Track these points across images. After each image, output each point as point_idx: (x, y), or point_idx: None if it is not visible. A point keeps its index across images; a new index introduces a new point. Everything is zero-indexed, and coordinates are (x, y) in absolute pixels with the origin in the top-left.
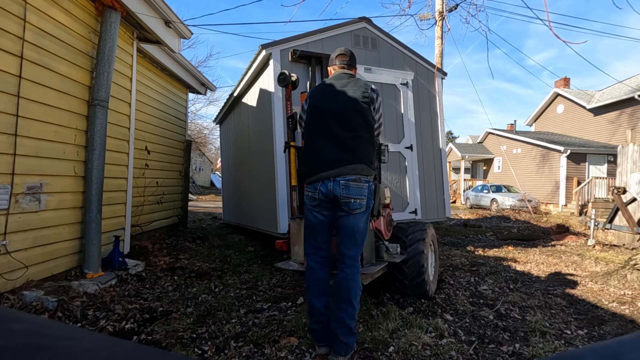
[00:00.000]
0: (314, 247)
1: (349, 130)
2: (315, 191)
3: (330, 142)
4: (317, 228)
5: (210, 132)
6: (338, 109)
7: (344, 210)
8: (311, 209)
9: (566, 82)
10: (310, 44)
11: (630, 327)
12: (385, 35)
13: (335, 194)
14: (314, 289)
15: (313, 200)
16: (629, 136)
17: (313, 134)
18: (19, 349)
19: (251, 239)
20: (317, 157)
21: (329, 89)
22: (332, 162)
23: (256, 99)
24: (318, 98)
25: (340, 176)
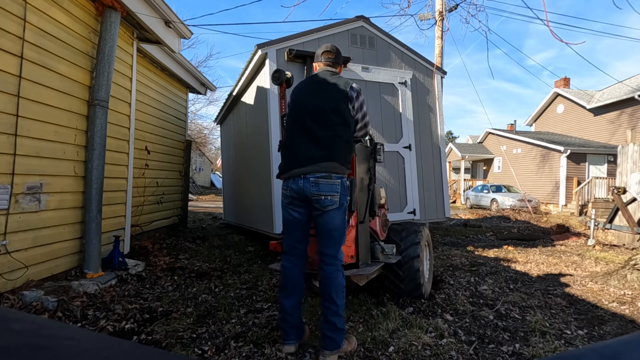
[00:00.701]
0: (288, 246)
1: (325, 129)
2: (287, 189)
3: (305, 139)
4: (290, 226)
5: (210, 132)
6: (317, 106)
7: (317, 208)
8: (285, 206)
9: (566, 82)
10: (306, 44)
11: (630, 327)
12: (383, 34)
13: (305, 191)
14: (283, 287)
15: (286, 197)
16: (629, 136)
17: (291, 130)
18: (19, 349)
19: (251, 239)
20: (291, 154)
21: (310, 87)
22: (305, 159)
23: (253, 98)
24: (299, 95)
25: (310, 174)
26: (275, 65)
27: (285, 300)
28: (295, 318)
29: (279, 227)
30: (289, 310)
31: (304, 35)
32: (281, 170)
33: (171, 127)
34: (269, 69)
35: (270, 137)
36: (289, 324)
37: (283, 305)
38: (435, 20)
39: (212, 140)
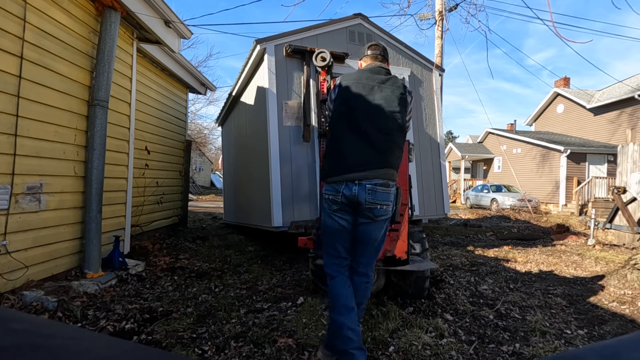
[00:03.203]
0: (334, 256)
1: (382, 132)
2: (337, 194)
3: (360, 141)
4: (338, 235)
5: (210, 132)
6: (373, 106)
7: (367, 217)
8: (331, 214)
9: (566, 81)
10: (304, 40)
11: (630, 326)
12: (381, 32)
13: (359, 199)
14: (336, 302)
15: (335, 203)
16: (629, 136)
17: (341, 129)
18: (19, 349)
19: (251, 239)
20: (343, 156)
21: (365, 82)
22: (361, 163)
23: (253, 97)
24: (351, 90)
25: (367, 180)
26: (273, 60)
27: (342, 317)
28: (358, 336)
29: (277, 220)
30: (351, 325)
31: (303, 31)
32: (329, 173)
33: (171, 127)
34: (267, 64)
35: (269, 136)
36: (355, 346)
37: (340, 324)
38: (435, 20)
39: (212, 140)
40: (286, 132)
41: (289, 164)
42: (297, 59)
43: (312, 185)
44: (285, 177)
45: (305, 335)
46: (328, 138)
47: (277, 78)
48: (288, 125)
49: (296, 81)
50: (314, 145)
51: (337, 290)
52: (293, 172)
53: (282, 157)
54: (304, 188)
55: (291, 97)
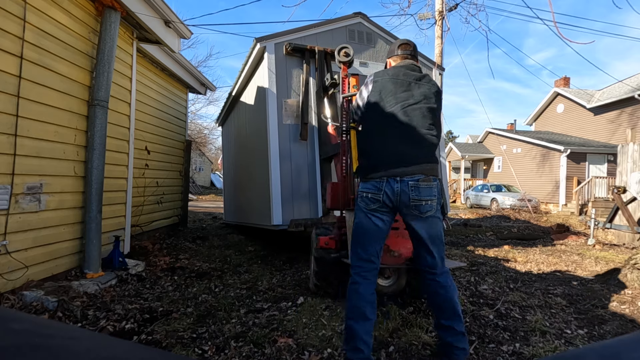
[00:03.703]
0: (363, 259)
1: (422, 127)
2: (378, 192)
3: (400, 136)
4: (372, 236)
5: (210, 132)
6: (413, 102)
7: (414, 215)
8: (368, 212)
9: (566, 81)
10: (304, 38)
11: (630, 326)
12: (381, 31)
13: (402, 196)
14: (355, 308)
15: (373, 202)
16: (629, 135)
17: (379, 124)
18: (19, 349)
19: (251, 239)
20: (383, 152)
21: (403, 79)
22: (402, 159)
23: (253, 96)
24: (388, 85)
25: (409, 176)
26: (273, 59)
27: (357, 325)
28: (369, 348)
29: (277, 219)
30: (363, 337)
31: (303, 30)
32: (369, 170)
33: (171, 127)
34: (267, 62)
35: (269, 134)
36: (363, 355)
37: (355, 331)
38: (435, 20)
39: (212, 140)
40: (286, 131)
41: (288, 162)
42: (297, 57)
43: (312, 184)
44: (284, 176)
45: (305, 335)
46: (362, 134)
47: (277, 76)
48: (288, 124)
49: (296, 80)
50: (314, 144)
51: (359, 297)
52: (293, 171)
53: (282, 155)
54: (304, 186)
55: (291, 96)
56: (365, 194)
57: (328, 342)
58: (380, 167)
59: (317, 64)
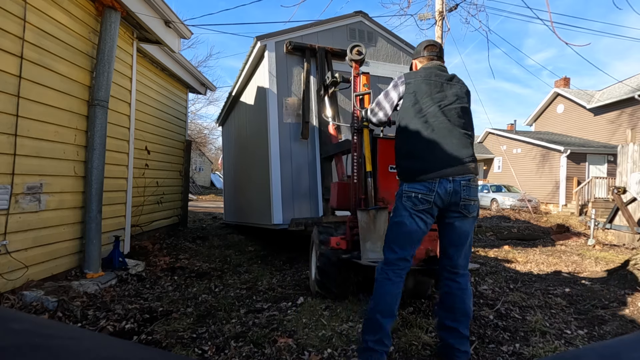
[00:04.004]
0: (400, 258)
1: (461, 127)
2: (430, 192)
3: (444, 137)
4: (414, 237)
5: (210, 132)
6: (448, 102)
7: (462, 215)
8: (414, 213)
9: (566, 81)
10: (305, 37)
11: (630, 326)
12: (382, 30)
13: (454, 196)
14: (386, 304)
15: (422, 202)
16: (629, 136)
17: (420, 125)
18: (19, 349)
19: (251, 239)
20: (431, 153)
21: (435, 80)
22: (451, 159)
23: (253, 91)
24: (422, 86)
25: (460, 175)
26: (274, 57)
27: (384, 320)
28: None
29: (277, 218)
30: (389, 332)
31: (303, 28)
32: (416, 171)
33: (171, 127)
34: (268, 60)
35: (269, 132)
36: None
37: (382, 325)
38: (435, 20)
39: (212, 140)
40: (286, 129)
41: (289, 161)
42: (298, 56)
43: (313, 183)
44: (285, 174)
45: (305, 335)
46: (403, 135)
47: (277, 75)
48: (288, 122)
49: (296, 78)
50: (314, 143)
51: (390, 294)
52: (293, 169)
53: (282, 153)
54: (304, 185)
55: (291, 94)
56: (415, 195)
57: (328, 342)
58: (431, 168)
59: (318, 62)
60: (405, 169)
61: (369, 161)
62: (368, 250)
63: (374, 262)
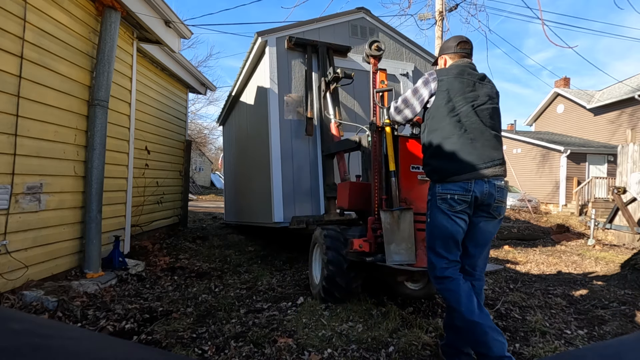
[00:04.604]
0: (452, 261)
1: (493, 128)
2: (466, 193)
3: (478, 137)
4: (457, 238)
5: (210, 132)
6: (481, 102)
7: (492, 216)
8: (452, 214)
9: (566, 81)
10: (306, 33)
11: (630, 327)
12: (384, 26)
13: (489, 197)
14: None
15: (459, 203)
16: (629, 136)
17: (454, 124)
18: (19, 349)
19: (251, 239)
20: (467, 153)
21: (468, 78)
22: (487, 160)
23: (254, 88)
24: (455, 84)
25: (495, 177)
26: (275, 52)
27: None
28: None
29: (278, 216)
30: (492, 324)
31: (304, 24)
32: (451, 171)
33: (171, 127)
34: (269, 56)
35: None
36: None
37: (482, 327)
38: (435, 20)
39: (212, 140)
40: (287, 126)
41: (290, 158)
42: (299, 52)
43: (314, 180)
44: (286, 172)
45: (305, 335)
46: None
47: (278, 71)
48: (289, 119)
49: (298, 74)
50: (316, 140)
51: (465, 291)
52: (294, 166)
53: (283, 150)
54: (305, 183)
55: (292, 91)
56: (450, 196)
57: (328, 342)
58: (464, 169)
59: (320, 58)
60: (437, 168)
61: (392, 160)
62: (392, 252)
63: (399, 265)
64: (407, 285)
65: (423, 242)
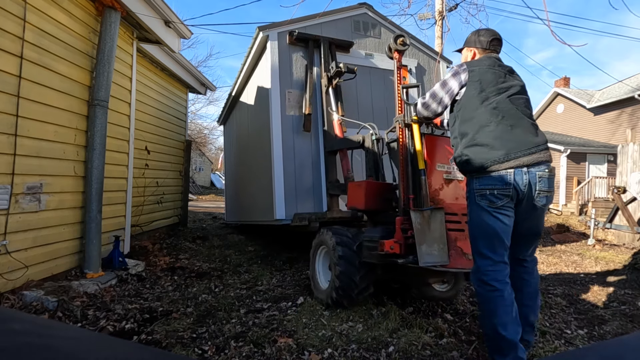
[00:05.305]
0: (498, 262)
1: (529, 117)
2: (506, 186)
3: (516, 125)
4: (502, 236)
5: (210, 132)
6: (516, 91)
7: (537, 208)
8: (494, 211)
9: (566, 81)
10: (308, 28)
11: (630, 326)
12: (386, 22)
13: (530, 188)
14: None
15: (500, 198)
16: (629, 136)
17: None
18: (19, 349)
19: (251, 239)
20: (503, 139)
21: (499, 70)
22: (526, 145)
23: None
24: (487, 75)
25: (537, 164)
26: (276, 47)
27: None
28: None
29: (279, 213)
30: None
31: (306, 19)
32: (489, 160)
33: (171, 127)
34: (270, 51)
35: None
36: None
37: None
38: (435, 20)
39: (212, 140)
40: (289, 121)
41: (291, 154)
42: (301, 47)
43: (316, 177)
44: (288, 168)
45: (305, 335)
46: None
47: (280, 66)
48: (291, 115)
49: (299, 70)
50: (318, 136)
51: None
52: (296, 162)
53: (285, 146)
54: (307, 179)
55: (294, 86)
56: (490, 191)
57: (328, 342)
58: (502, 157)
59: (322, 53)
60: (474, 158)
61: (421, 158)
62: (425, 253)
63: (433, 266)
64: (434, 287)
65: (454, 243)
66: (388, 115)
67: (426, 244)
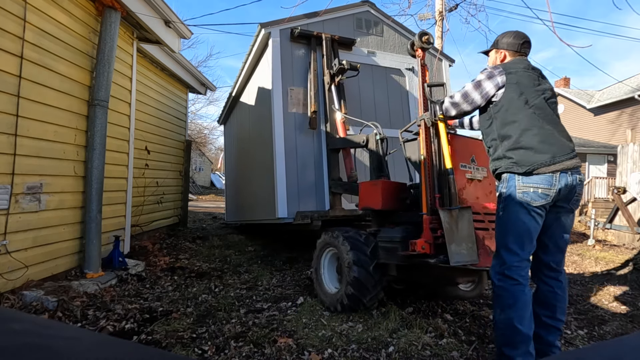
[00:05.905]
0: (523, 259)
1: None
2: (551, 186)
3: (556, 129)
4: (533, 235)
5: (210, 132)
6: (550, 95)
7: (570, 210)
8: (532, 209)
9: (566, 82)
10: (311, 25)
11: (630, 326)
12: (389, 20)
13: (571, 192)
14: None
15: (543, 197)
16: (629, 136)
17: (530, 114)
18: (19, 349)
19: (251, 239)
20: (548, 143)
21: (532, 73)
22: (566, 151)
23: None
24: (524, 78)
25: (575, 168)
26: (278, 44)
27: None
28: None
29: (282, 211)
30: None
31: (309, 17)
32: (537, 162)
33: (171, 127)
34: (272, 48)
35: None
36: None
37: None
38: (435, 20)
39: (212, 140)
40: (291, 119)
41: (294, 152)
42: (303, 44)
43: (319, 175)
44: (290, 165)
45: (305, 335)
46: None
47: (282, 63)
48: (293, 112)
49: (302, 67)
50: (320, 134)
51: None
52: (298, 160)
53: (287, 144)
54: (310, 177)
55: (296, 83)
56: (534, 189)
57: (328, 342)
58: (549, 160)
59: (324, 51)
60: (521, 160)
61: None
62: (454, 252)
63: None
64: (459, 286)
65: (482, 242)
66: (390, 113)
67: (455, 243)
